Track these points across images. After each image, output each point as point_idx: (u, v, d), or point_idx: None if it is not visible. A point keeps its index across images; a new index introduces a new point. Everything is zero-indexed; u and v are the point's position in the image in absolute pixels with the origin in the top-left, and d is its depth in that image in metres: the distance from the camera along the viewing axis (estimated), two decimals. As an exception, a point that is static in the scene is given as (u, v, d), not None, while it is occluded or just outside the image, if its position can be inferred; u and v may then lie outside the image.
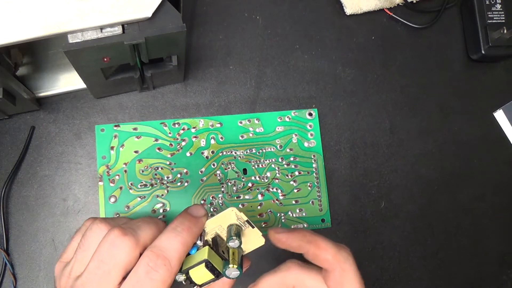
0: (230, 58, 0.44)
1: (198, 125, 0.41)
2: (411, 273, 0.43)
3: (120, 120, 0.41)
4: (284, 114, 0.43)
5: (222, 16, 0.44)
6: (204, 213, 0.28)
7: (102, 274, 0.24)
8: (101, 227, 0.26)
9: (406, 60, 0.46)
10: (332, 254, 0.28)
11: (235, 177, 0.41)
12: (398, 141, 0.45)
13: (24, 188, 0.39)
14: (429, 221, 0.44)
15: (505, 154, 0.46)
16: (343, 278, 0.28)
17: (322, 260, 0.28)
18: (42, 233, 0.39)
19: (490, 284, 0.44)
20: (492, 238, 0.45)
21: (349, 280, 0.28)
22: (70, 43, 0.29)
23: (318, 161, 0.43)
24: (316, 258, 0.28)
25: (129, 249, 0.24)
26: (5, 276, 0.38)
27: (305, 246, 0.29)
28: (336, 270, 0.28)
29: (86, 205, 0.39)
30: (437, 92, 0.46)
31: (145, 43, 0.31)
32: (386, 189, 0.44)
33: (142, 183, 0.40)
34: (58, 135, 0.40)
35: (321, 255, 0.28)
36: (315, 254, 0.28)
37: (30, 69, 0.39)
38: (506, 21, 0.45)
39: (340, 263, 0.28)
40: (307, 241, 0.28)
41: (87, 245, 0.25)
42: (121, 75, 0.37)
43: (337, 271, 0.28)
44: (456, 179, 0.45)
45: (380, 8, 0.46)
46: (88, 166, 0.40)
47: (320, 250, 0.28)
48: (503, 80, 0.48)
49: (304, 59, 0.45)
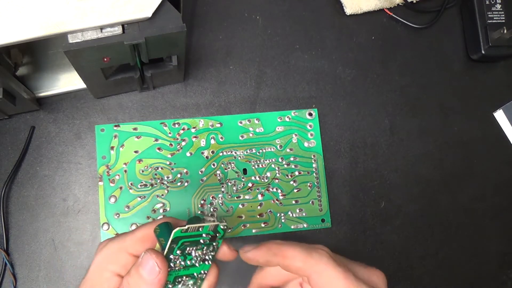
0: (230, 58, 0.44)
1: (198, 125, 0.41)
2: (411, 273, 0.43)
3: (120, 120, 0.41)
4: (284, 114, 0.43)
5: (222, 16, 0.44)
6: (158, 272, 0.24)
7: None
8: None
9: (406, 60, 0.46)
10: (302, 260, 0.26)
11: (235, 177, 0.41)
12: (398, 141, 0.45)
13: (24, 188, 0.39)
14: (429, 221, 0.44)
15: (505, 154, 0.46)
16: (322, 281, 0.25)
17: (295, 270, 0.26)
18: (42, 233, 0.39)
19: (490, 284, 0.44)
20: (492, 238, 0.45)
21: (329, 280, 0.25)
22: (70, 43, 0.29)
23: (318, 161, 0.43)
24: (289, 269, 0.26)
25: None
26: (5, 276, 0.38)
27: (273, 260, 0.26)
28: (312, 275, 0.25)
29: (86, 205, 0.39)
30: (437, 92, 0.46)
31: (145, 43, 0.31)
32: (386, 189, 0.44)
33: (142, 183, 0.40)
34: (58, 135, 0.40)
35: (291, 264, 0.26)
36: (285, 265, 0.26)
37: (30, 69, 0.39)
38: (506, 21, 0.45)
39: (313, 267, 0.25)
40: (272, 254, 0.26)
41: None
42: (121, 75, 0.37)
43: (313, 276, 0.25)
44: (456, 179, 0.45)
45: (380, 8, 0.46)
46: (88, 166, 0.40)
47: (288, 260, 0.26)
48: (503, 80, 0.48)
49: (304, 59, 0.45)
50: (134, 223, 0.39)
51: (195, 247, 0.25)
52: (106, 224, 0.39)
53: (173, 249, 0.25)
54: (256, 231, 0.40)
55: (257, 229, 0.40)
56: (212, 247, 0.26)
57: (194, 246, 0.25)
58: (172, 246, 0.25)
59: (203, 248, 0.26)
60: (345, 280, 0.25)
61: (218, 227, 0.26)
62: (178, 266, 0.25)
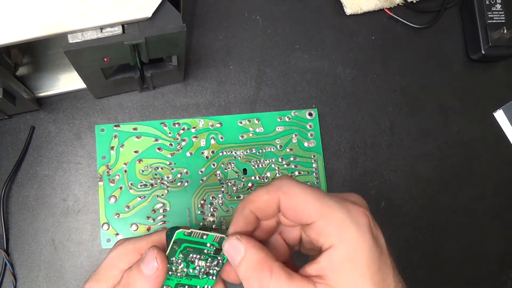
0: (230, 58, 0.44)
1: (198, 125, 0.41)
2: (411, 273, 0.43)
3: (120, 120, 0.41)
4: (284, 114, 0.43)
5: (222, 16, 0.44)
6: (156, 268, 0.24)
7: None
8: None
9: (406, 60, 0.46)
10: (265, 192, 0.24)
11: (235, 177, 0.41)
12: (398, 141, 0.45)
13: (24, 188, 0.39)
14: (429, 221, 0.44)
15: (505, 154, 0.46)
16: (292, 200, 0.24)
17: (265, 207, 0.25)
18: (42, 233, 0.39)
19: (490, 284, 0.44)
20: (492, 238, 0.45)
21: (298, 196, 0.24)
22: (70, 43, 0.29)
23: (318, 161, 0.43)
24: (263, 213, 0.25)
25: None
26: (5, 276, 0.38)
27: (247, 214, 0.25)
28: (280, 200, 0.24)
29: (86, 205, 0.39)
30: (437, 92, 0.46)
31: (145, 43, 0.31)
32: (386, 189, 0.44)
33: (142, 183, 0.40)
34: (58, 135, 0.40)
35: (260, 203, 0.24)
36: (257, 209, 0.25)
37: (30, 69, 0.39)
38: (506, 21, 0.45)
39: (278, 191, 0.24)
40: (242, 208, 0.25)
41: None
42: (121, 75, 0.37)
43: (281, 199, 0.24)
44: (456, 179, 0.45)
45: (380, 8, 0.46)
46: (88, 166, 0.40)
47: (256, 202, 0.25)
48: (503, 80, 0.48)
49: (304, 59, 0.45)
50: (134, 223, 0.39)
51: (198, 256, 0.25)
52: (106, 224, 0.39)
53: (176, 251, 0.25)
54: (256, 231, 0.40)
55: (257, 229, 0.40)
56: (216, 261, 0.26)
57: (197, 254, 0.25)
58: (174, 248, 0.24)
59: (207, 260, 0.26)
60: (313, 193, 0.24)
61: (223, 239, 0.25)
62: (180, 272, 0.25)
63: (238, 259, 0.24)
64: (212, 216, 0.40)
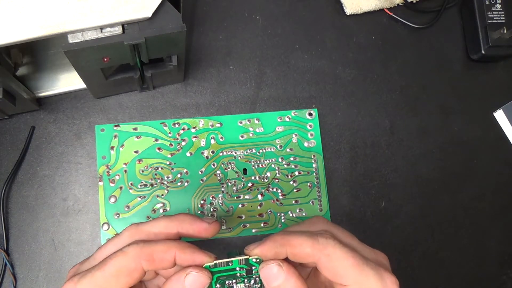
0: (230, 58, 0.44)
1: (198, 125, 0.41)
2: (411, 273, 0.43)
3: (120, 120, 0.41)
4: (284, 114, 0.43)
5: (222, 16, 0.44)
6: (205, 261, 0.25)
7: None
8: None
9: (406, 60, 0.46)
10: (310, 245, 0.25)
11: (235, 177, 0.41)
12: (398, 141, 0.45)
13: (24, 188, 0.39)
14: (429, 221, 0.44)
15: (505, 154, 0.46)
16: (333, 263, 0.25)
17: (303, 257, 0.26)
18: (42, 233, 0.39)
19: (490, 284, 0.44)
20: (492, 238, 0.45)
21: (339, 261, 0.25)
22: (70, 43, 0.29)
23: (318, 161, 0.43)
24: (297, 258, 0.26)
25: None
26: (5, 276, 0.38)
27: (281, 251, 0.26)
28: (321, 259, 0.25)
29: (86, 205, 0.39)
30: (437, 92, 0.46)
31: (145, 43, 0.31)
32: (386, 189, 0.44)
33: (142, 183, 0.40)
34: (58, 135, 0.40)
35: (299, 252, 0.26)
36: (294, 254, 0.26)
37: (30, 69, 0.39)
38: (506, 21, 0.45)
39: (322, 250, 0.25)
40: (279, 246, 0.26)
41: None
42: (121, 75, 0.37)
43: (322, 259, 0.25)
44: (456, 179, 0.45)
45: (380, 8, 0.46)
46: (88, 166, 0.40)
47: (296, 248, 0.26)
48: (503, 80, 0.48)
49: (304, 59, 0.45)
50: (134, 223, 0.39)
51: (234, 280, 0.26)
52: (106, 224, 0.39)
53: (211, 283, 0.25)
54: (256, 231, 0.40)
55: (257, 229, 0.40)
56: (253, 280, 0.26)
57: (233, 280, 0.26)
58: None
59: (244, 281, 0.26)
60: (353, 259, 0.25)
61: (249, 260, 0.26)
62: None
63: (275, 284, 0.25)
64: (212, 216, 0.40)
